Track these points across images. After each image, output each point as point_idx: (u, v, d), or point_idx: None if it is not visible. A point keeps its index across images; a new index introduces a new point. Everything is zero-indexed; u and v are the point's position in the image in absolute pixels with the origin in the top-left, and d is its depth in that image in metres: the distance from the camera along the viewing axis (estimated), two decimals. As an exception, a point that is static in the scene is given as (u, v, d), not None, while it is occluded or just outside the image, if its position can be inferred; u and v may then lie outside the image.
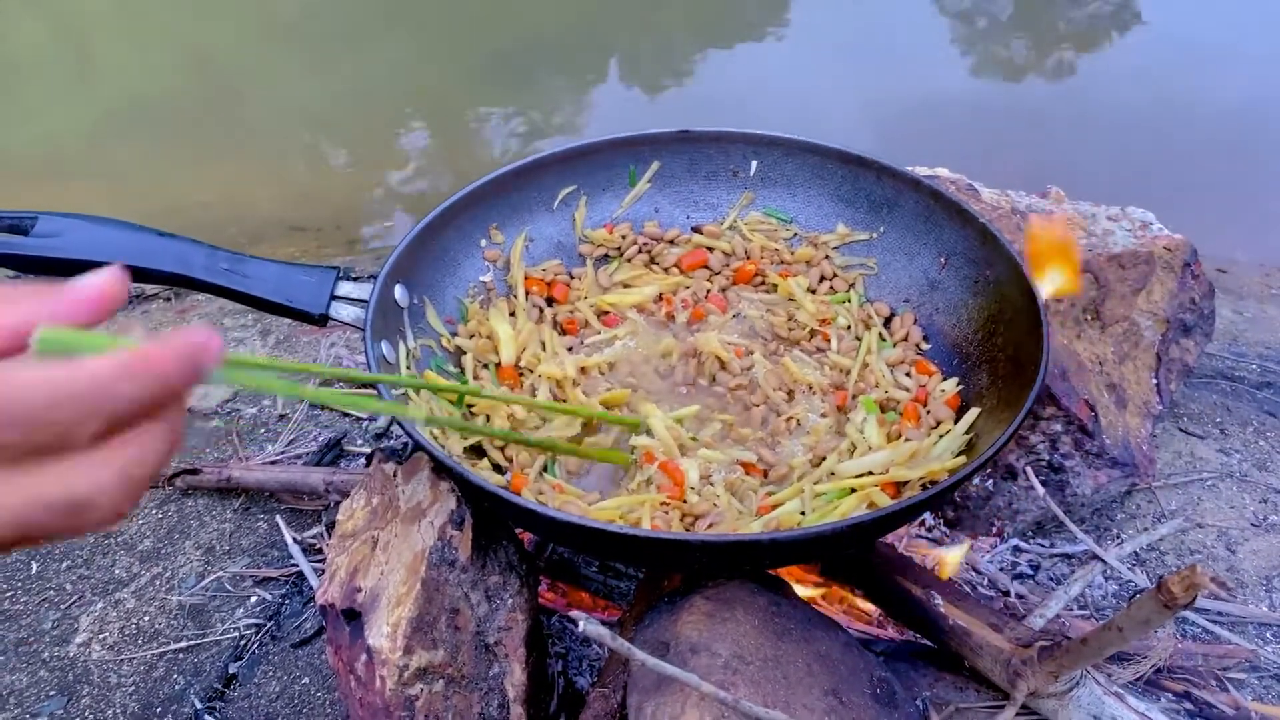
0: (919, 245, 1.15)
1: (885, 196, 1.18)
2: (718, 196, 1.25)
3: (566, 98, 3.67)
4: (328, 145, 3.47)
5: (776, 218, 1.24)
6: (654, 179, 1.25)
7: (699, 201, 1.26)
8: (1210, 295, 1.49)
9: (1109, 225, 1.46)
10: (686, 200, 1.26)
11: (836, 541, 0.87)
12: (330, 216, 2.95)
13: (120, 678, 1.23)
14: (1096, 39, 3.77)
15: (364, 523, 1.00)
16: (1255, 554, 1.33)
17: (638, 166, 1.24)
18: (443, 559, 0.91)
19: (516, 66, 3.77)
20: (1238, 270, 2.46)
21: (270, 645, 1.26)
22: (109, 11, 4.23)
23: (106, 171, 2.98)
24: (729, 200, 1.25)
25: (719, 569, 0.92)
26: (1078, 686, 0.91)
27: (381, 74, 3.73)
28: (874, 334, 1.12)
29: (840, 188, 1.20)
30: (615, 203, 1.25)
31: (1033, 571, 1.29)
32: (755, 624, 0.86)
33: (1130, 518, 1.39)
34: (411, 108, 3.47)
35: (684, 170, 1.25)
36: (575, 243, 1.24)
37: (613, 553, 1.04)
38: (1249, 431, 1.55)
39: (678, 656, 0.81)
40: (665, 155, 1.24)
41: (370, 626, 0.89)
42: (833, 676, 0.87)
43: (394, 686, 0.86)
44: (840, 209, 1.21)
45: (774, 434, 1.04)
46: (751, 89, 3.32)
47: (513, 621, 0.94)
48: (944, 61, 3.55)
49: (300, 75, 3.80)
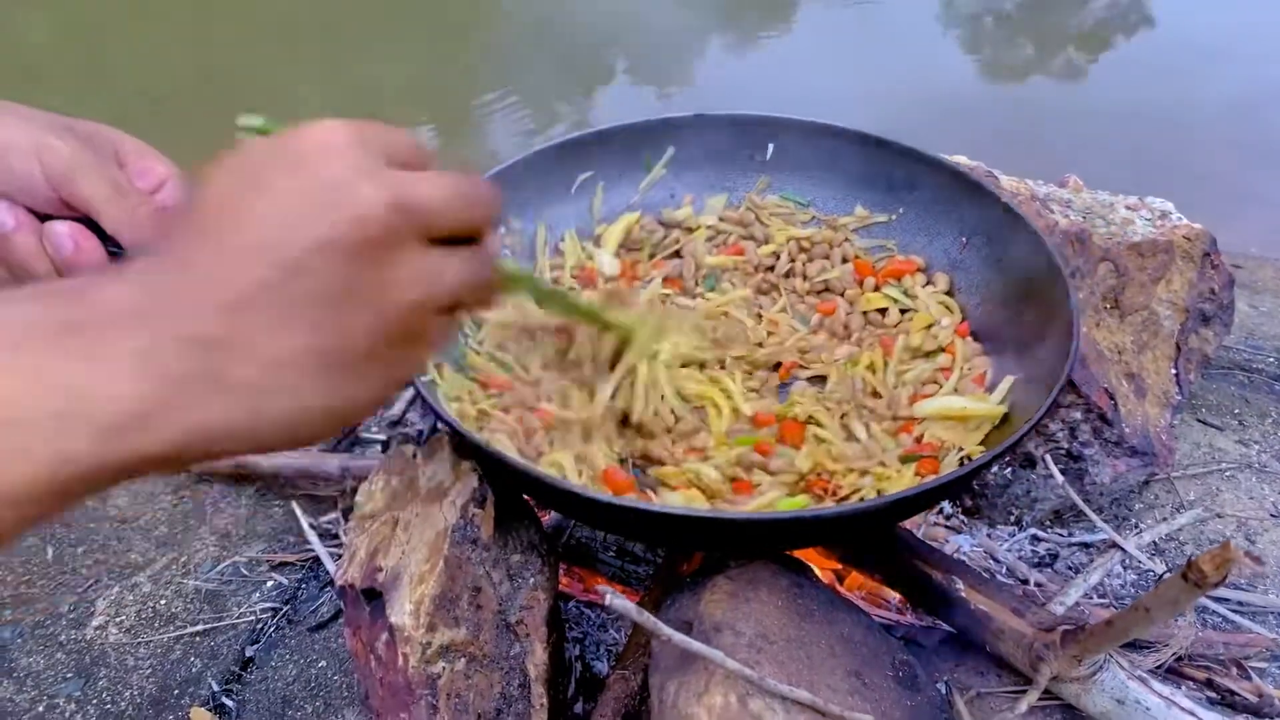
0: (939, 225, 1.14)
1: (903, 178, 1.17)
2: (734, 180, 1.25)
3: (577, 92, 3.67)
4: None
5: (794, 201, 1.23)
6: (670, 164, 1.24)
7: (716, 186, 1.25)
8: (1230, 286, 1.48)
9: (1128, 214, 1.45)
10: (704, 185, 1.25)
11: (881, 517, 0.86)
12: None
13: (137, 661, 1.23)
14: (1112, 34, 3.76)
15: (384, 504, 1.00)
16: (1275, 544, 1.32)
17: (653, 152, 1.24)
18: (465, 537, 0.91)
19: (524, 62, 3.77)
20: (1253, 265, 2.45)
21: (287, 629, 1.26)
22: (118, 10, 4.24)
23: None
24: (746, 184, 1.24)
25: (745, 548, 0.91)
26: (1101, 671, 0.91)
27: (389, 71, 3.73)
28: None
29: (858, 169, 1.19)
30: (632, 188, 1.25)
31: (1051, 560, 1.29)
32: (778, 604, 0.85)
33: (1149, 508, 1.38)
34: (420, 104, 3.47)
35: (700, 155, 1.24)
36: (593, 229, 1.23)
37: (629, 529, 1.02)
38: (1268, 423, 1.54)
39: (701, 635, 0.81)
40: (681, 140, 1.23)
41: (392, 605, 0.89)
42: (855, 658, 0.87)
43: (416, 664, 0.86)
44: (858, 191, 1.20)
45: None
46: (765, 84, 3.32)
47: (534, 601, 0.94)
48: (960, 55, 3.54)
49: (307, 72, 3.81)
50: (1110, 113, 3.10)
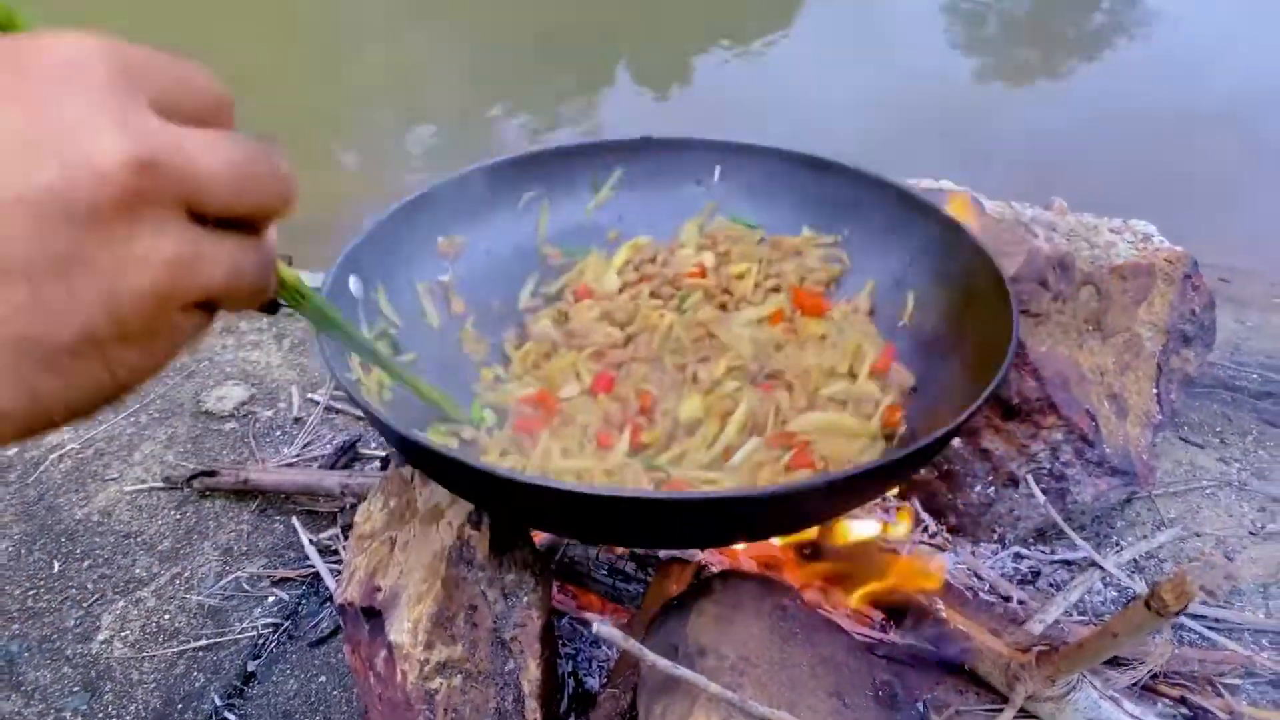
0: (884, 244, 1.16)
1: (849, 198, 1.18)
2: (683, 203, 1.26)
3: (576, 95, 3.70)
4: (339, 149, 3.50)
5: (743, 224, 1.25)
6: (617, 186, 1.27)
7: (663, 208, 1.26)
8: (1211, 307, 1.52)
9: (1111, 237, 1.48)
10: (651, 207, 1.27)
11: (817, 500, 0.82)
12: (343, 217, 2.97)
13: (142, 675, 1.26)
14: (1101, 50, 3.80)
15: (382, 524, 1.04)
16: (1253, 562, 1.35)
17: (600, 173, 1.26)
18: (461, 558, 0.94)
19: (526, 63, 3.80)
20: (1242, 279, 2.48)
21: (288, 644, 1.30)
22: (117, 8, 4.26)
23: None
24: (694, 207, 1.26)
25: (697, 537, 0.92)
26: (1074, 690, 0.94)
27: (391, 72, 3.76)
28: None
29: (804, 191, 1.21)
30: (579, 209, 1.26)
31: (1033, 577, 1.32)
32: (762, 627, 0.89)
33: (1130, 525, 1.41)
34: (419, 108, 3.49)
35: (647, 177, 1.26)
36: (536, 247, 1.24)
37: (566, 519, 0.94)
38: (1248, 441, 1.57)
39: (686, 658, 0.84)
40: (628, 162, 1.25)
41: (391, 623, 0.92)
42: (836, 678, 0.90)
43: (415, 680, 0.89)
44: (805, 212, 1.22)
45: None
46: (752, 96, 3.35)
47: (528, 619, 0.97)
48: (949, 70, 3.58)
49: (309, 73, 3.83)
50: (1101, 124, 3.13)
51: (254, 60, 3.90)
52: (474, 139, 3.47)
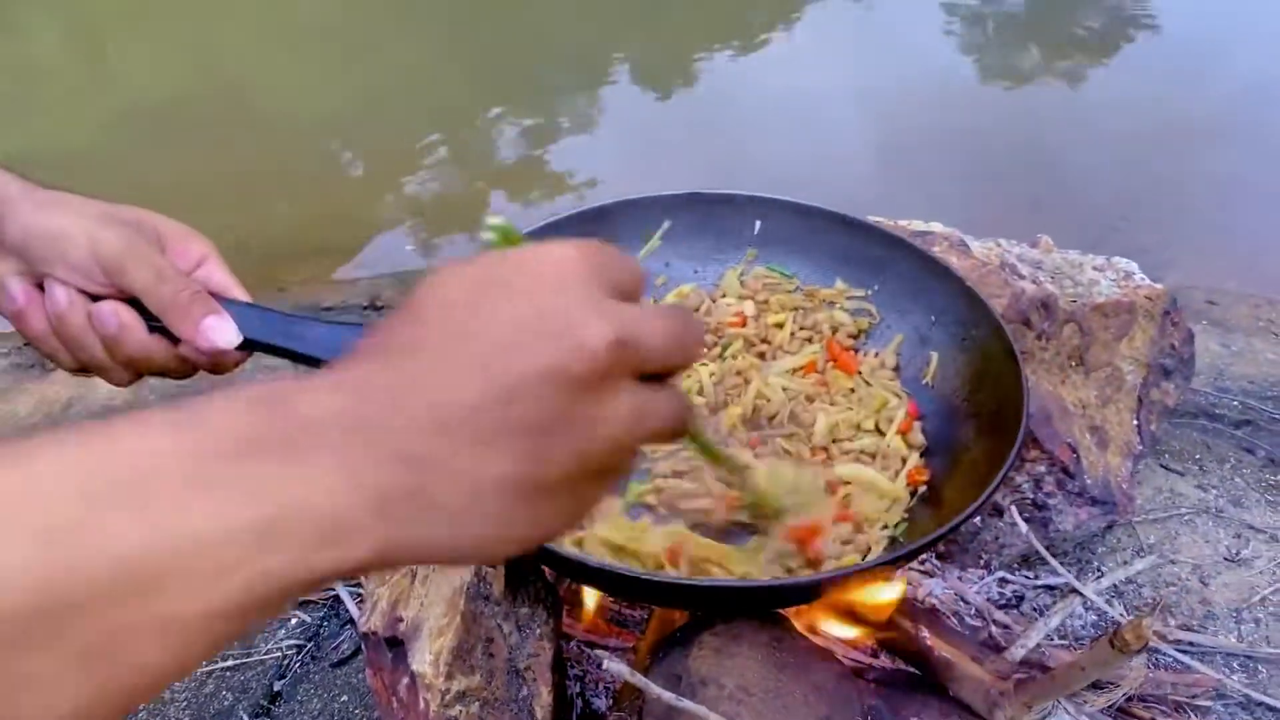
0: (911, 302, 1.24)
1: (878, 255, 1.27)
2: (725, 254, 1.35)
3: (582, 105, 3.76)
4: (344, 156, 3.55)
5: (780, 273, 1.34)
6: (665, 237, 1.35)
7: (707, 258, 1.35)
8: (1189, 341, 1.59)
9: (1094, 275, 1.55)
10: (695, 257, 1.35)
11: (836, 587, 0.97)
12: (348, 236, 3.02)
13: (173, 693, 1.34)
14: (1089, 69, 3.86)
15: (404, 558, 1.11)
16: (1226, 587, 1.42)
17: (650, 226, 1.34)
18: (479, 593, 1.02)
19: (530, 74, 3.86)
20: (1228, 301, 2.55)
21: (311, 665, 1.37)
22: (123, 14, 4.31)
23: (119, 179, 2.95)
24: (735, 258, 1.35)
25: (722, 611, 1.02)
26: (1049, 716, 1.01)
27: (394, 81, 3.81)
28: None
29: (838, 247, 1.29)
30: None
31: (1017, 602, 1.39)
32: (758, 658, 0.96)
33: (1111, 551, 1.49)
34: (427, 118, 3.54)
35: (693, 229, 1.34)
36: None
37: (616, 590, 1.12)
38: (1226, 468, 1.64)
39: (689, 688, 0.91)
40: (675, 215, 1.33)
41: (413, 654, 0.99)
42: (827, 705, 0.97)
43: (437, 709, 0.96)
44: (838, 266, 1.30)
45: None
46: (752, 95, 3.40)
47: (540, 649, 1.05)
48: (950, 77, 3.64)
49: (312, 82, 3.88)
50: (1089, 148, 3.19)
51: (253, 62, 3.96)
52: (477, 144, 3.53)
